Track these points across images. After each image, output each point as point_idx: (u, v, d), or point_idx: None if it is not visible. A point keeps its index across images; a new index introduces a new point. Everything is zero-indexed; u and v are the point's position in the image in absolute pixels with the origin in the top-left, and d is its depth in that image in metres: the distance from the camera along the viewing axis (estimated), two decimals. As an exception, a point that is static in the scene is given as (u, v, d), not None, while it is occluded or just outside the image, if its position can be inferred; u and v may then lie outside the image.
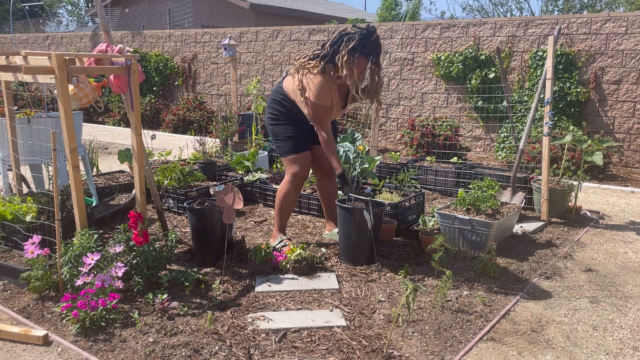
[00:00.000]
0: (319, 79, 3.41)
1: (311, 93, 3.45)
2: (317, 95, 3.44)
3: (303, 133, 3.68)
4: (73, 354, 2.44)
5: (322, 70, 3.38)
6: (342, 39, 3.33)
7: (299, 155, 3.67)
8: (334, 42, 3.36)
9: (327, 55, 3.36)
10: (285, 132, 3.66)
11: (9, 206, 3.46)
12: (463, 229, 3.78)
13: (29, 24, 19.89)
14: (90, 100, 3.84)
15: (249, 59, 10.71)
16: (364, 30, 3.33)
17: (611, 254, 3.96)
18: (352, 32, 3.33)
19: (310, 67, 3.43)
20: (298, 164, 3.67)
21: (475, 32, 8.20)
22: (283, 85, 3.69)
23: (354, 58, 3.31)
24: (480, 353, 2.52)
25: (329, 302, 2.96)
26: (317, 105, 3.47)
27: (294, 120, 3.65)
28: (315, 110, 3.49)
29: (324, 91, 3.44)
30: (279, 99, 3.67)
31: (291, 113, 3.64)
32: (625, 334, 2.74)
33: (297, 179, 3.69)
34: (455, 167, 5.71)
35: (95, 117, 12.64)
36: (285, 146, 3.68)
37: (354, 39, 3.29)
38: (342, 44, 3.31)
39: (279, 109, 3.67)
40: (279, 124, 3.68)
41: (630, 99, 7.16)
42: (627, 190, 6.24)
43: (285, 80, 3.71)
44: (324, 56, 3.38)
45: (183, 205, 4.32)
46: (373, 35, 3.33)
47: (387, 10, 18.28)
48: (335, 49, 3.34)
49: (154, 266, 3.05)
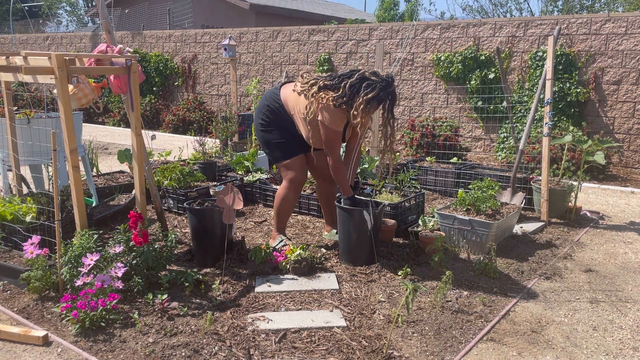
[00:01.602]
0: (333, 108, 3.38)
1: (325, 116, 3.40)
2: (332, 119, 3.39)
3: (294, 138, 3.64)
4: (73, 354, 2.44)
5: (335, 106, 3.36)
6: (361, 84, 3.33)
7: (293, 160, 3.65)
8: (352, 85, 3.33)
9: (344, 97, 3.34)
10: (275, 139, 3.63)
11: (9, 206, 3.46)
12: (463, 230, 3.78)
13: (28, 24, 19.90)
14: (90, 100, 3.84)
15: (249, 60, 10.71)
16: (383, 81, 3.34)
17: (611, 254, 3.96)
18: (373, 80, 3.33)
19: (324, 101, 3.36)
20: (293, 169, 3.66)
21: (475, 32, 8.20)
22: (281, 95, 3.63)
23: (370, 106, 3.33)
24: (480, 353, 2.52)
25: (329, 303, 2.96)
26: (331, 129, 3.43)
27: (284, 127, 3.62)
28: (329, 134, 3.44)
29: (338, 116, 3.41)
30: (274, 107, 3.61)
31: (282, 120, 3.60)
32: (625, 335, 2.74)
33: (294, 184, 3.68)
34: (455, 167, 5.71)
35: (95, 118, 12.64)
36: (278, 153, 3.66)
37: (374, 89, 3.29)
38: (362, 91, 3.30)
39: (270, 117, 3.62)
40: (268, 131, 3.64)
41: (630, 99, 7.16)
42: (627, 190, 6.24)
43: (285, 90, 3.64)
44: (340, 96, 3.34)
45: (183, 205, 4.32)
46: (391, 87, 3.36)
47: (385, 10, 18.29)
48: (352, 93, 3.33)
49: (154, 266, 3.05)
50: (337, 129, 3.45)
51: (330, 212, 4.01)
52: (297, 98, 3.52)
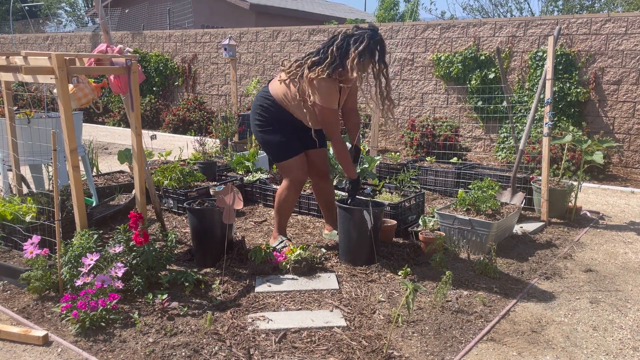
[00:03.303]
0: (325, 82, 3.30)
1: (318, 97, 3.33)
2: (326, 98, 3.33)
3: (292, 137, 3.61)
4: (73, 354, 2.44)
5: (329, 76, 3.29)
6: (348, 40, 3.26)
7: (293, 159, 3.61)
8: (339, 47, 3.26)
9: (335, 61, 3.26)
10: (274, 138, 3.57)
11: (9, 206, 3.45)
12: (463, 230, 3.78)
13: (28, 24, 19.90)
14: (90, 100, 3.84)
15: (249, 59, 10.71)
16: (368, 30, 3.26)
17: (611, 254, 3.96)
18: (358, 33, 3.26)
19: (316, 76, 3.29)
20: (294, 168, 3.62)
21: (475, 32, 8.20)
22: (270, 90, 3.57)
23: (364, 59, 3.25)
24: (480, 353, 2.52)
25: (329, 303, 2.96)
26: (327, 109, 3.36)
27: (282, 125, 3.57)
28: (325, 115, 3.38)
29: (332, 93, 3.35)
30: (266, 104, 3.55)
31: (278, 118, 3.55)
32: (625, 335, 2.74)
33: (295, 184, 3.65)
34: (455, 167, 5.71)
35: (95, 118, 12.64)
36: (277, 152, 3.61)
37: (362, 40, 3.21)
38: (351, 47, 3.23)
39: (265, 115, 3.56)
40: (266, 131, 3.58)
41: (630, 99, 7.16)
42: (627, 190, 6.24)
43: (272, 85, 3.59)
44: (331, 63, 3.27)
45: (183, 205, 4.32)
46: (378, 35, 3.28)
47: (386, 10, 18.27)
48: (342, 53, 3.26)
49: (154, 266, 3.05)
50: (332, 107, 3.39)
51: (329, 211, 4.00)
52: (286, 87, 3.48)
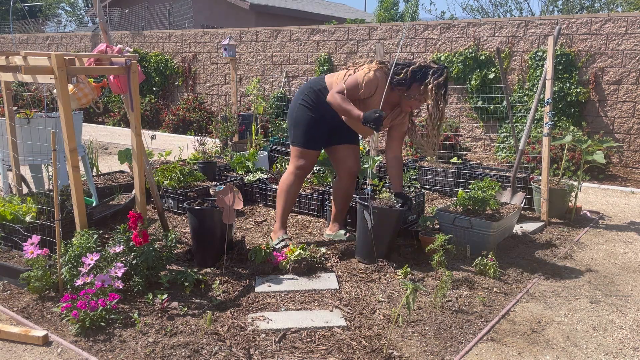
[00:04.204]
0: (374, 75, 3.48)
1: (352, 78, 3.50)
2: (354, 83, 3.48)
3: (322, 131, 3.70)
4: (73, 354, 2.44)
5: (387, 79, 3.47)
6: (426, 71, 3.48)
7: (311, 151, 3.70)
8: (414, 71, 3.48)
9: (405, 79, 3.49)
10: (307, 122, 3.66)
11: (8, 206, 3.45)
12: (463, 229, 3.78)
13: (28, 24, 19.90)
14: (90, 100, 3.84)
15: (249, 59, 10.71)
16: (444, 67, 3.51)
17: (611, 254, 3.96)
18: (436, 67, 3.49)
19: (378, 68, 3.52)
20: (306, 158, 3.70)
21: (475, 32, 8.20)
22: (325, 78, 3.73)
23: (439, 91, 3.47)
24: (480, 353, 2.52)
25: (329, 303, 2.96)
26: (355, 84, 3.48)
27: (321, 116, 3.66)
28: (350, 86, 3.48)
29: (373, 85, 3.49)
30: (317, 88, 3.68)
31: (322, 107, 3.64)
32: (625, 334, 2.74)
33: (301, 172, 3.72)
34: (455, 167, 5.72)
35: (95, 118, 12.64)
36: (301, 136, 3.68)
37: (441, 74, 3.46)
38: (429, 77, 3.45)
39: (313, 99, 3.67)
40: (305, 112, 3.67)
41: (630, 99, 7.16)
42: (627, 190, 6.24)
43: (329, 78, 3.74)
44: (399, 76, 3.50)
45: (183, 205, 4.32)
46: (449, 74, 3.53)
47: (385, 10, 18.28)
48: (414, 77, 3.48)
49: (154, 266, 3.05)
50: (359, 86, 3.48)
51: (341, 212, 4.00)
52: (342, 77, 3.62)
